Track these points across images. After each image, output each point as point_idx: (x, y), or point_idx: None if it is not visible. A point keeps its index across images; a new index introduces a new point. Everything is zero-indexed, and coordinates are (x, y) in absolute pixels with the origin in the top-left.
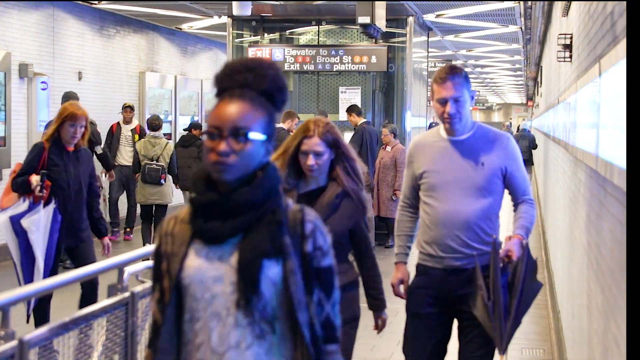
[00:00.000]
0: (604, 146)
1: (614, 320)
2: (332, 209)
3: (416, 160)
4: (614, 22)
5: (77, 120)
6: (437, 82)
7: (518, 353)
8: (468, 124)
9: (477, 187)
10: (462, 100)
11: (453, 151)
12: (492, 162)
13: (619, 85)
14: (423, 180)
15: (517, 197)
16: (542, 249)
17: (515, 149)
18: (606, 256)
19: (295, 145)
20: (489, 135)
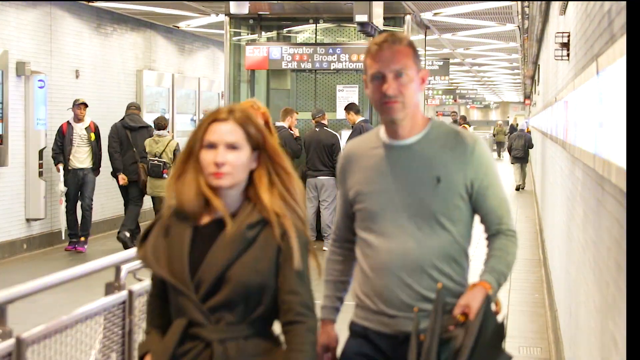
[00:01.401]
0: (601, 144)
1: (611, 318)
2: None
3: (348, 176)
4: (611, 20)
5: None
6: (371, 51)
7: (515, 351)
8: (417, 121)
9: (433, 214)
10: (408, 76)
11: (397, 162)
12: (453, 176)
13: (616, 84)
14: (358, 207)
15: (490, 227)
16: (540, 247)
17: (486, 156)
18: (604, 254)
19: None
20: (448, 137)
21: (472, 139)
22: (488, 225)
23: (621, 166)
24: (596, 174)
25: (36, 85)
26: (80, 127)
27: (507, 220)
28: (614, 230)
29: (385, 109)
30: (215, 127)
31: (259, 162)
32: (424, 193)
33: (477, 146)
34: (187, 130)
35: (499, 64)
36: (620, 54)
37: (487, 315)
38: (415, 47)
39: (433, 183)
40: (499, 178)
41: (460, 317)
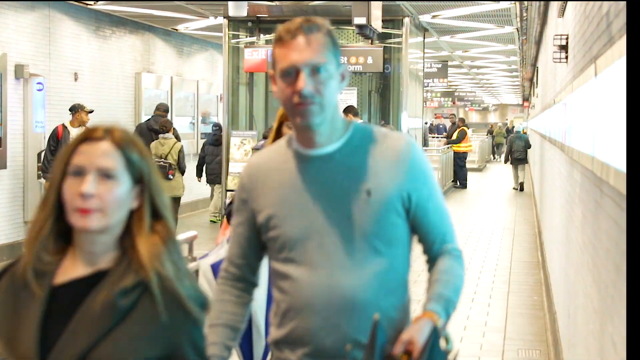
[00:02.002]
0: (599, 147)
1: (610, 320)
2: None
3: (255, 198)
4: (609, 22)
5: None
6: (282, 39)
7: (514, 354)
8: (337, 125)
9: (365, 236)
10: (327, 72)
11: (316, 175)
12: (386, 188)
13: (614, 86)
14: (272, 234)
15: (432, 246)
16: (538, 249)
17: (423, 162)
18: (602, 256)
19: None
20: (376, 141)
21: (405, 141)
22: (430, 244)
23: (619, 168)
24: (594, 176)
25: (35, 88)
26: (77, 133)
27: (452, 238)
28: (613, 232)
29: (298, 111)
30: (85, 148)
31: (140, 201)
32: (353, 210)
33: (412, 150)
34: (186, 133)
35: (498, 66)
36: (619, 56)
37: (434, 352)
38: (334, 36)
39: (363, 198)
40: (439, 188)
41: (403, 356)
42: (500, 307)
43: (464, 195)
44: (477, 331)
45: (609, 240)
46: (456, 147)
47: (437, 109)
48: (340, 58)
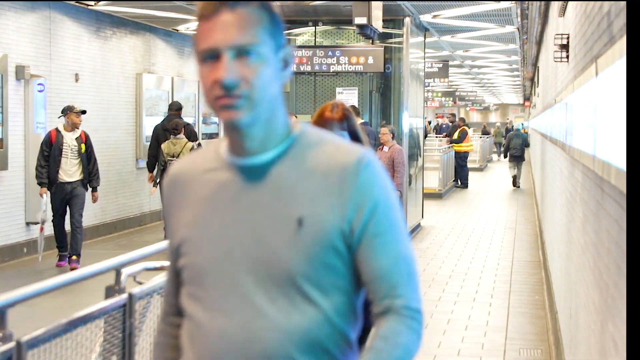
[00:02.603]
0: (601, 146)
1: (611, 320)
2: None
3: (172, 213)
4: (610, 22)
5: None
6: (202, 15)
7: (516, 353)
8: (277, 128)
9: (292, 277)
10: (259, 56)
11: (241, 192)
12: (322, 217)
13: (615, 85)
14: (182, 262)
15: (376, 300)
16: (540, 249)
17: (377, 184)
18: (603, 256)
19: None
20: (319, 153)
21: (357, 157)
22: (373, 297)
23: (620, 168)
24: (596, 176)
25: (36, 89)
26: (71, 137)
27: (406, 291)
28: (614, 232)
29: (220, 107)
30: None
31: None
32: (279, 243)
33: (363, 169)
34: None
35: (499, 65)
36: (620, 55)
37: None
38: (273, 10)
39: (292, 228)
40: (398, 222)
41: None
42: (502, 307)
43: (465, 195)
44: (478, 331)
45: (610, 240)
46: (457, 146)
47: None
48: (283, 38)
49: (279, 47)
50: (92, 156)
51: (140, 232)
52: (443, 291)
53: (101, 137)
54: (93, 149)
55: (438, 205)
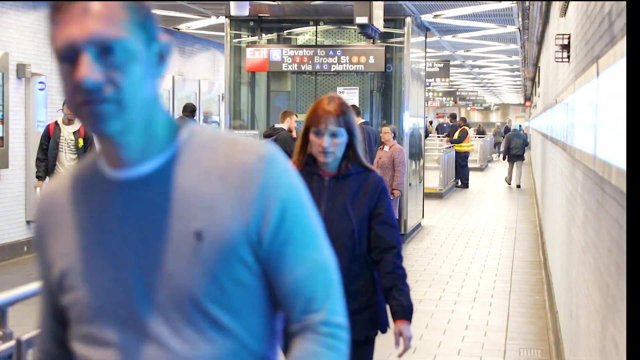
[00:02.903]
0: (601, 146)
1: (611, 320)
2: None
3: (46, 244)
4: (611, 22)
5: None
6: (56, 6)
7: (516, 353)
8: (158, 133)
9: (195, 301)
10: (127, 52)
11: (125, 210)
12: (224, 228)
13: (616, 86)
14: (66, 299)
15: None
16: (540, 249)
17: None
18: (604, 256)
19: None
20: (215, 155)
21: (258, 155)
22: (289, 314)
23: (621, 168)
24: (596, 176)
25: (37, 87)
26: (69, 131)
27: (325, 304)
28: (614, 232)
29: (84, 114)
30: None
31: None
32: (177, 264)
33: (266, 168)
34: None
35: (500, 65)
36: (621, 56)
37: None
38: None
39: (190, 243)
40: (314, 223)
41: None
42: (502, 307)
43: (465, 195)
44: (478, 330)
45: (610, 240)
46: (458, 146)
47: (439, 109)
48: (156, 28)
49: (151, 40)
50: (92, 152)
51: None
52: (443, 291)
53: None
54: (94, 145)
55: (439, 205)
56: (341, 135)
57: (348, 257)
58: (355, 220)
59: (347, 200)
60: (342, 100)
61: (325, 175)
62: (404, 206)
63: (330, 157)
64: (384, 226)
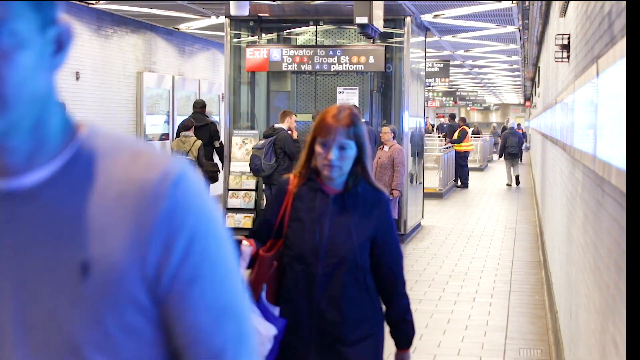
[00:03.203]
0: (601, 146)
1: (611, 320)
2: None
3: None
4: (611, 22)
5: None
6: None
7: (515, 353)
8: (50, 136)
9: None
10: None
11: (5, 228)
12: (114, 260)
13: (616, 86)
14: None
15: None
16: (540, 249)
17: (188, 212)
18: (604, 256)
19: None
20: (113, 168)
21: (161, 172)
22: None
23: (621, 168)
24: (596, 176)
25: None
26: None
27: (234, 355)
28: (614, 232)
29: None
30: None
31: None
32: (57, 300)
33: (171, 186)
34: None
35: (499, 65)
36: (621, 56)
37: None
38: None
39: (74, 277)
40: (227, 258)
41: None
42: (502, 307)
43: (465, 195)
44: (478, 330)
45: (610, 240)
46: (457, 146)
47: (439, 109)
48: (55, 10)
49: (47, 23)
50: None
51: None
52: (443, 291)
53: None
54: None
55: (438, 205)
56: (350, 148)
57: (349, 282)
58: (359, 243)
59: (352, 221)
60: (353, 111)
61: (329, 191)
62: (403, 206)
63: (336, 172)
64: (392, 257)
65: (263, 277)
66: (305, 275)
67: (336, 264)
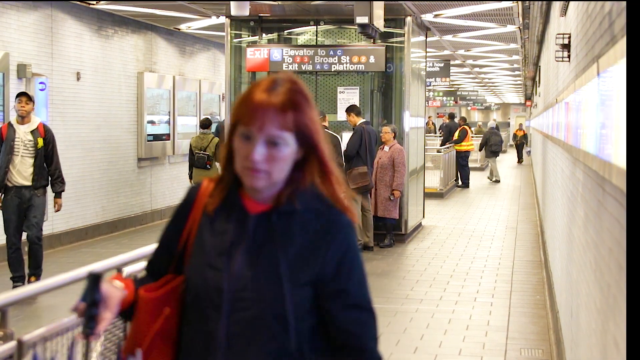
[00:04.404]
0: (602, 146)
1: (612, 319)
2: None
3: None
4: (612, 21)
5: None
6: None
7: (517, 353)
8: None
9: None
10: None
11: None
12: None
13: (617, 85)
14: None
15: None
16: (541, 248)
17: None
18: (605, 256)
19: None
20: None
21: None
22: None
23: (622, 167)
24: (597, 175)
25: (37, 88)
26: (25, 131)
27: None
28: (615, 231)
29: None
30: None
31: None
32: None
33: None
34: (188, 132)
35: (500, 65)
36: (622, 55)
37: None
38: None
39: None
40: None
41: None
42: (503, 306)
43: (466, 195)
44: (479, 330)
45: (611, 239)
46: (458, 146)
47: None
48: None
49: None
50: (54, 155)
51: (141, 231)
52: (444, 291)
53: (103, 135)
54: (55, 146)
55: (439, 205)
56: (285, 145)
57: (273, 352)
58: (293, 290)
59: (282, 256)
60: (297, 86)
61: (252, 209)
62: (404, 206)
63: (261, 181)
64: (352, 312)
65: (143, 331)
66: (204, 336)
67: (250, 321)
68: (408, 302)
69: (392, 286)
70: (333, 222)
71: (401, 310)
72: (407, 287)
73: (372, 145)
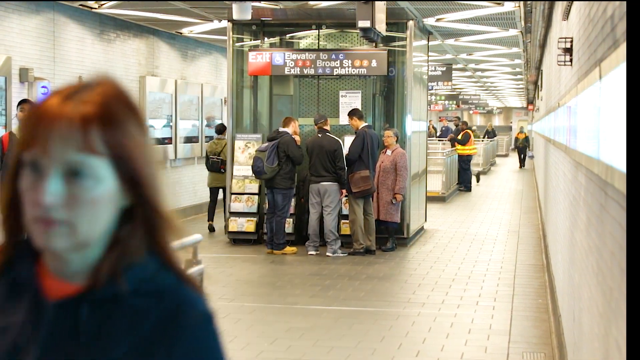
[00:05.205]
0: (604, 150)
1: (615, 323)
2: None
3: None
4: (614, 25)
5: None
6: None
7: (519, 357)
8: None
9: None
10: None
11: None
12: None
13: (619, 89)
14: None
15: None
16: (543, 252)
17: None
18: (607, 259)
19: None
20: None
21: None
22: None
23: (624, 171)
24: (599, 179)
25: (39, 92)
26: None
27: None
28: (617, 235)
29: None
30: None
31: None
32: None
33: None
34: (190, 136)
35: (502, 69)
36: (624, 59)
37: None
38: None
39: None
40: None
41: None
42: (505, 310)
43: (468, 198)
44: (481, 334)
45: (613, 243)
46: (460, 149)
47: (442, 112)
48: None
49: None
50: None
51: None
52: (446, 294)
53: None
54: None
55: (441, 209)
56: (92, 177)
57: None
58: None
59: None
60: (114, 90)
61: (51, 290)
62: (406, 210)
63: (58, 237)
64: None
65: None
66: None
67: None
68: (410, 306)
69: (394, 290)
70: (178, 312)
71: (403, 314)
72: (409, 291)
73: (374, 149)
